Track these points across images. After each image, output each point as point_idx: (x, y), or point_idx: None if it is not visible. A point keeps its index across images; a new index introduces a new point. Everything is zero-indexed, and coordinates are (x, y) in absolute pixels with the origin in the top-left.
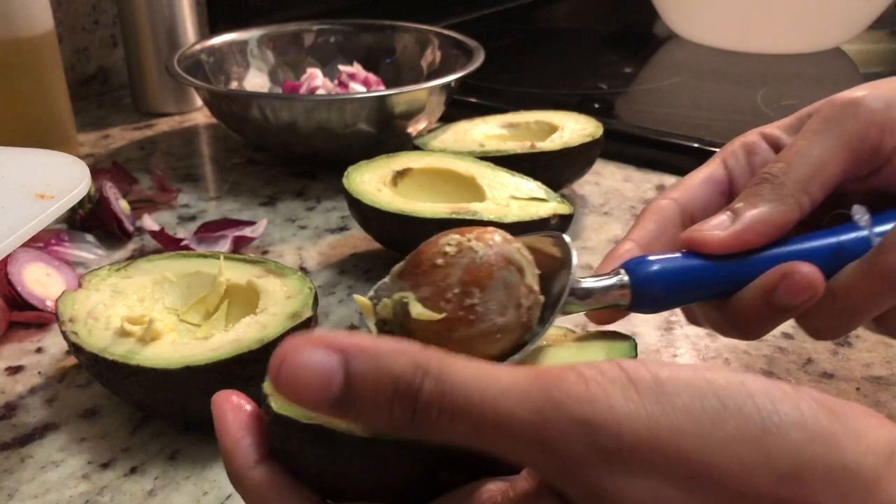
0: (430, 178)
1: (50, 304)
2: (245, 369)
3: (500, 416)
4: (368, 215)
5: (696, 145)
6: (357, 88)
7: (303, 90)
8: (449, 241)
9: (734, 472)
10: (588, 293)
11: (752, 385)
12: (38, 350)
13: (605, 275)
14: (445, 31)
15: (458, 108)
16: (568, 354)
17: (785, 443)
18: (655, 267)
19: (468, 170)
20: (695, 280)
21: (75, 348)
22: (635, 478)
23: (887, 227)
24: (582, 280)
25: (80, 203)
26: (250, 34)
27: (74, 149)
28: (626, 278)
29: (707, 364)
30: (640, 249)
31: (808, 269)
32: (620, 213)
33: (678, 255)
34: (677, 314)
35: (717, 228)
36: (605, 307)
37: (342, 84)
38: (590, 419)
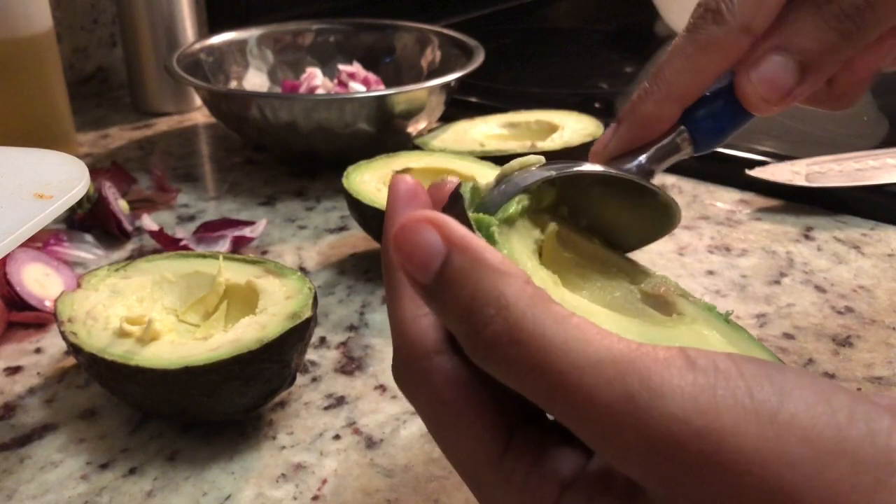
0: (430, 177)
1: (49, 304)
2: (244, 369)
3: (580, 389)
4: (368, 215)
5: None
6: (357, 88)
7: (302, 90)
8: None
9: None
10: (656, 159)
11: (874, 423)
12: (37, 350)
13: (660, 140)
14: (445, 31)
15: (458, 107)
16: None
17: (894, 501)
18: (707, 113)
19: (468, 169)
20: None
21: (74, 349)
22: (725, 499)
23: None
24: (644, 155)
25: (79, 203)
26: (250, 34)
27: (73, 148)
28: (682, 128)
29: (827, 380)
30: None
31: None
32: None
33: (723, 84)
34: None
35: (775, 83)
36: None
37: (342, 83)
38: (689, 420)
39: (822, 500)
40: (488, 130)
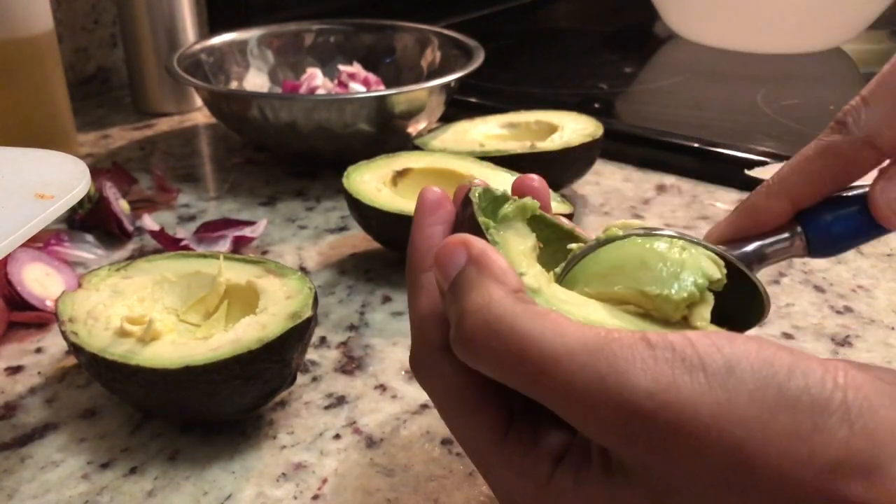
0: (430, 178)
1: (50, 304)
2: (245, 369)
3: (558, 376)
4: (368, 215)
5: (696, 145)
6: (357, 88)
7: (303, 90)
8: None
9: (782, 466)
10: (765, 253)
11: (810, 377)
12: (38, 350)
13: (773, 234)
14: (445, 31)
15: (458, 107)
16: None
17: (830, 440)
18: (830, 218)
19: (468, 170)
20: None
21: (75, 348)
22: (689, 460)
23: None
24: (753, 245)
25: (80, 203)
26: (250, 34)
27: (74, 149)
28: (798, 229)
29: (773, 344)
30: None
31: None
32: (621, 212)
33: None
34: None
35: None
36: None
37: (342, 84)
38: (653, 395)
39: (771, 450)
40: (488, 131)
